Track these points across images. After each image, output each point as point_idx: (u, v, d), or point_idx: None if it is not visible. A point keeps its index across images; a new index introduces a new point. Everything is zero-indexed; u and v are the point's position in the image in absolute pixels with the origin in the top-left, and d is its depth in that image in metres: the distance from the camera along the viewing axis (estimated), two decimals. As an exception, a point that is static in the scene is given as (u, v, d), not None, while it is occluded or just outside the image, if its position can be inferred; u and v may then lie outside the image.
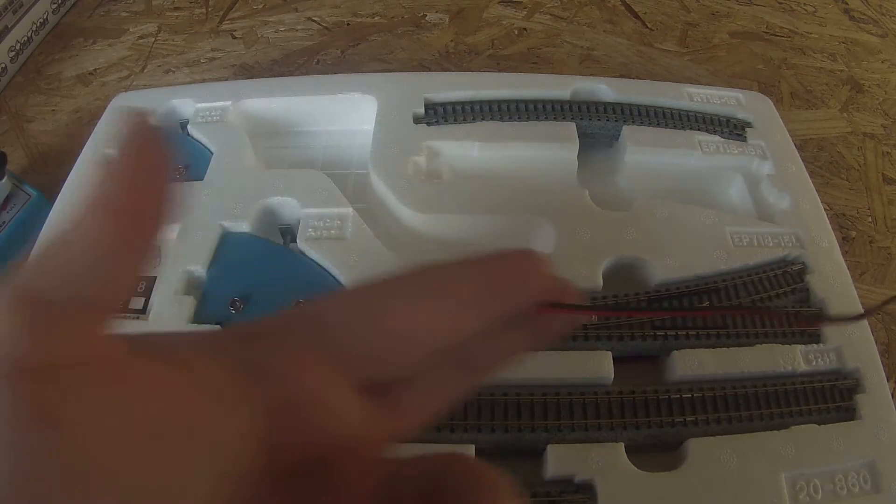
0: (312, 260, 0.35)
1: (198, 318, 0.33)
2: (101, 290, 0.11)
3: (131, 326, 0.33)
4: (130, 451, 0.10)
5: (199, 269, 0.34)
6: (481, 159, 0.40)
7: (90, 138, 0.40)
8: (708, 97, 0.43)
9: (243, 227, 0.36)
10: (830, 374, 0.32)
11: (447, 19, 0.56)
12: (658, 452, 0.30)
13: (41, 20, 0.54)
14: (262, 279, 0.34)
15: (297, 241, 0.35)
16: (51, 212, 0.37)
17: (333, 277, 0.34)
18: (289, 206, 0.37)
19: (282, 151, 0.43)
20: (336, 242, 0.35)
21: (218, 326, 0.32)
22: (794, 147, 0.40)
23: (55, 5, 0.55)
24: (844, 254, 0.36)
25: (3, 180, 0.39)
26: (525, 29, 0.56)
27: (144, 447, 0.10)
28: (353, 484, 0.14)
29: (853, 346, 0.32)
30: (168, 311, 0.33)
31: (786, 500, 0.28)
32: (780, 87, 0.52)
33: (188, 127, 0.41)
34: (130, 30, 0.56)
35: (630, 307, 0.33)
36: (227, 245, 0.35)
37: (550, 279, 0.16)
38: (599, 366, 0.31)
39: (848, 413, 0.30)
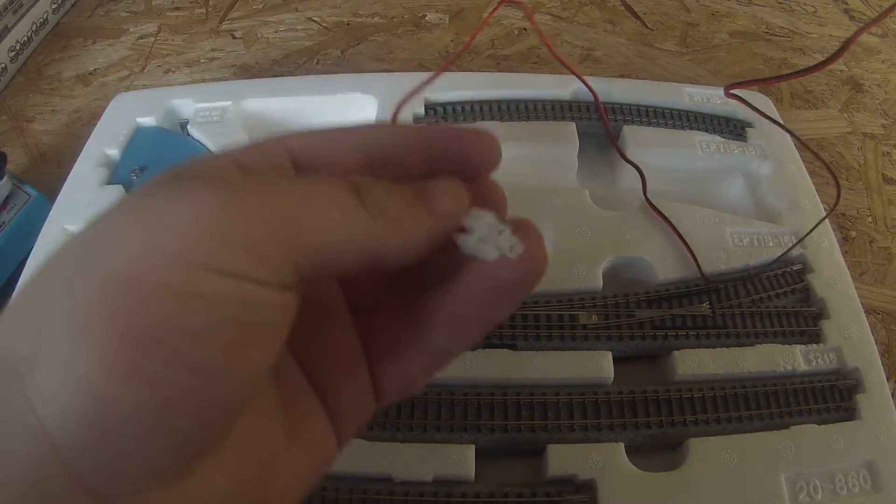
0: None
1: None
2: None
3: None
4: None
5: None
6: (481, 159, 0.40)
7: (90, 138, 0.40)
8: (708, 97, 0.43)
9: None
10: (830, 374, 0.32)
11: (447, 19, 0.56)
12: (658, 452, 0.30)
13: (41, 20, 0.54)
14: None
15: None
16: (51, 212, 0.37)
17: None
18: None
19: (282, 151, 0.43)
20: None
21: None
22: (794, 147, 0.40)
23: (55, 5, 0.55)
24: (844, 254, 0.36)
25: (3, 180, 0.38)
26: (525, 29, 0.56)
27: None
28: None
29: (853, 345, 0.32)
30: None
31: (786, 500, 0.28)
32: (780, 87, 0.52)
33: (188, 127, 0.41)
34: (130, 30, 0.56)
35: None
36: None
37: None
38: (599, 366, 0.31)
39: (848, 413, 0.30)
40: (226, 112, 0.41)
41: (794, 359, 0.32)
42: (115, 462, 0.12)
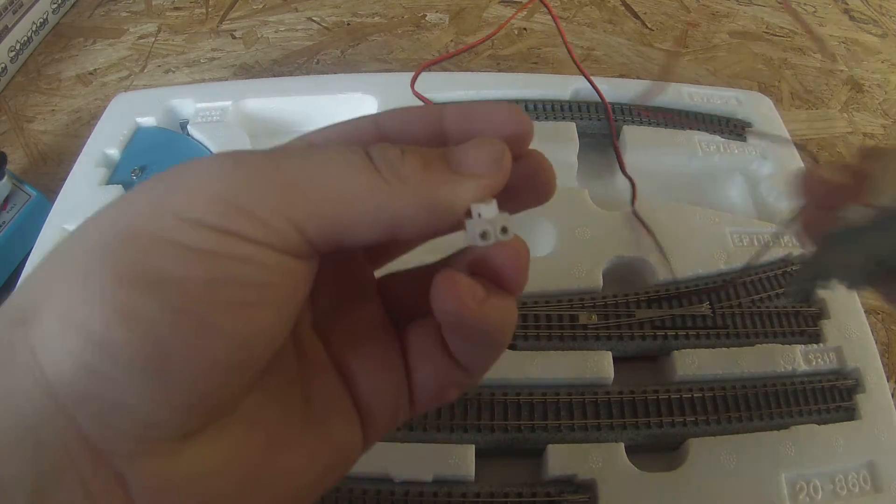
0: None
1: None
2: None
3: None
4: None
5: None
6: (481, 159, 0.40)
7: (90, 138, 0.40)
8: (708, 97, 0.43)
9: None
10: (830, 374, 0.32)
11: (447, 19, 0.56)
12: (658, 452, 0.30)
13: (41, 20, 0.54)
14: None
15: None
16: (51, 212, 0.37)
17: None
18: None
19: (282, 151, 0.43)
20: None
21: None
22: (794, 147, 0.40)
23: (55, 5, 0.55)
24: (844, 254, 0.36)
25: (3, 180, 0.38)
26: (525, 29, 0.56)
27: None
28: None
29: (853, 346, 0.32)
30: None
31: (786, 500, 0.28)
32: (780, 87, 0.52)
33: (188, 127, 0.41)
34: (130, 30, 0.56)
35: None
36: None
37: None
38: (599, 366, 0.31)
39: (848, 413, 0.30)
40: (226, 112, 0.41)
41: (794, 359, 0.32)
42: (111, 411, 0.12)
